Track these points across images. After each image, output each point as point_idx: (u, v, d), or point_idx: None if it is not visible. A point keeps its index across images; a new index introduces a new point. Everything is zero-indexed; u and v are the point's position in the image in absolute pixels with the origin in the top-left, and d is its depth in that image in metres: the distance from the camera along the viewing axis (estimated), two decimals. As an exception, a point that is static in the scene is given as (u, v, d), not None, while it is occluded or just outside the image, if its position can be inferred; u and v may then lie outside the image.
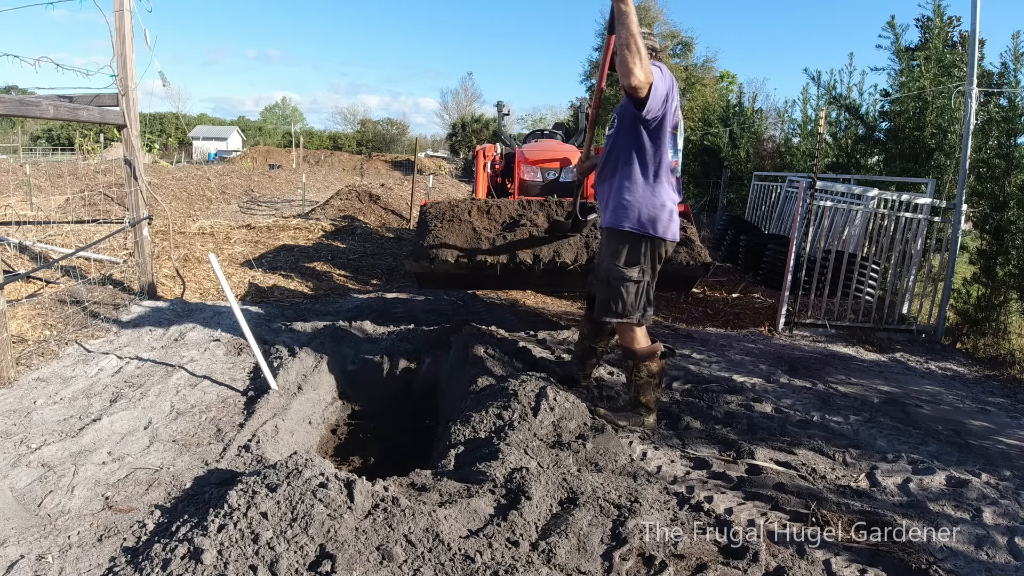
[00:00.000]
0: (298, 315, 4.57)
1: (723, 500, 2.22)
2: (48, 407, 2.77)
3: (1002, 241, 4.95)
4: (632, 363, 2.80)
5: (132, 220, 4.57)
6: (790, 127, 11.39)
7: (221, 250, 7.24)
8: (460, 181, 27.90)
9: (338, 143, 55.64)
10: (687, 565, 1.85)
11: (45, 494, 2.11)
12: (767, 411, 3.10)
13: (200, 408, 2.87)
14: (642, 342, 2.81)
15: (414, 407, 3.61)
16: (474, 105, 51.42)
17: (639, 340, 2.80)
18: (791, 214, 5.22)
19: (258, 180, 21.54)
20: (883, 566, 1.89)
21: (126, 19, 4.18)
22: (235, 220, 11.53)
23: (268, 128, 68.21)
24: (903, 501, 2.29)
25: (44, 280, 4.92)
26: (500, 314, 4.94)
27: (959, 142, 5.61)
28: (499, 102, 7.11)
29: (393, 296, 5.48)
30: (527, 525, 1.93)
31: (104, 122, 4.36)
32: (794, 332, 4.91)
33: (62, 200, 11.82)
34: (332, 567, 1.66)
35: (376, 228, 10.58)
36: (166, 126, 52.45)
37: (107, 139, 33.01)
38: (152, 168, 19.48)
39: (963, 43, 7.24)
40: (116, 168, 14.92)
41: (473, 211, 4.11)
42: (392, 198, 13.68)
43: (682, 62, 27.93)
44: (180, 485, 2.22)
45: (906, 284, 5.35)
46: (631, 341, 2.80)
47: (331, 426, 3.29)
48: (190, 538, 1.75)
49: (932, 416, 3.28)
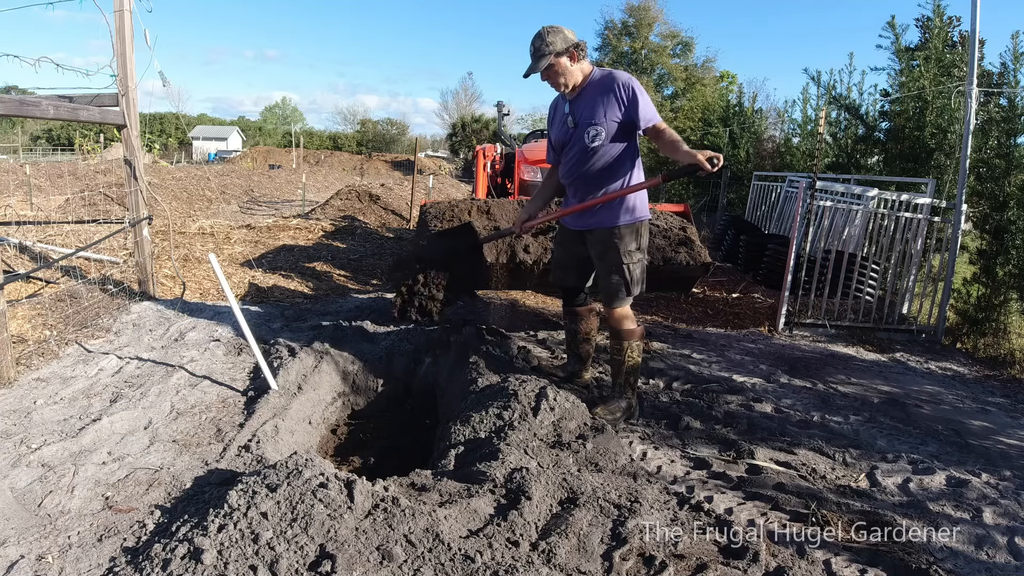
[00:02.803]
0: (298, 315, 4.57)
1: (723, 500, 2.22)
2: (48, 407, 2.77)
3: (1002, 241, 4.95)
4: (625, 344, 2.91)
5: (132, 220, 4.57)
6: (790, 127, 11.40)
7: (221, 250, 7.24)
8: (460, 181, 27.90)
9: (338, 143, 55.65)
10: (687, 565, 1.85)
11: (45, 494, 2.11)
12: (767, 411, 3.10)
13: (200, 408, 2.87)
14: (634, 320, 2.99)
15: (414, 407, 3.61)
16: (474, 105, 51.41)
17: (633, 318, 2.97)
18: (791, 214, 5.23)
19: (258, 180, 21.53)
20: (883, 566, 1.89)
21: (126, 19, 4.17)
22: (235, 220, 11.53)
23: (268, 128, 68.22)
24: (903, 501, 2.29)
25: (44, 280, 4.91)
26: (500, 314, 4.94)
27: (959, 142, 5.61)
28: (499, 102, 7.12)
29: (393, 296, 5.47)
30: (527, 525, 1.93)
31: (104, 122, 4.36)
32: (794, 332, 4.91)
33: (62, 200, 11.81)
34: (332, 567, 1.66)
35: (376, 228, 10.58)
36: (166, 126, 52.45)
37: (107, 139, 32.99)
38: (152, 168, 19.47)
39: (963, 43, 7.25)
40: (116, 168, 14.92)
41: (473, 211, 4.11)
42: (392, 198, 13.68)
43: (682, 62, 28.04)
44: (180, 485, 2.22)
45: (906, 284, 5.35)
46: (628, 319, 2.94)
47: (331, 426, 3.29)
48: (190, 538, 1.75)
49: (932, 416, 3.28)
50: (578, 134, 2.79)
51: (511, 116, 35.31)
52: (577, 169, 2.84)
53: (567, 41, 2.67)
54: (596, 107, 2.73)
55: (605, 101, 2.71)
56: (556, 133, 2.95)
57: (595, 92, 2.74)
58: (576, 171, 2.85)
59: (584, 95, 2.77)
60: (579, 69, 2.74)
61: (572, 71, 2.72)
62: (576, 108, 2.80)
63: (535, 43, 2.68)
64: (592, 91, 2.75)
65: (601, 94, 2.72)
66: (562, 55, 2.67)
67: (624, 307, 2.92)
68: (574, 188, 2.93)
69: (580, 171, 2.84)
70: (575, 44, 2.69)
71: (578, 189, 2.90)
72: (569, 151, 2.87)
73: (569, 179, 2.92)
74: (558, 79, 2.74)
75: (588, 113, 2.75)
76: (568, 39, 2.68)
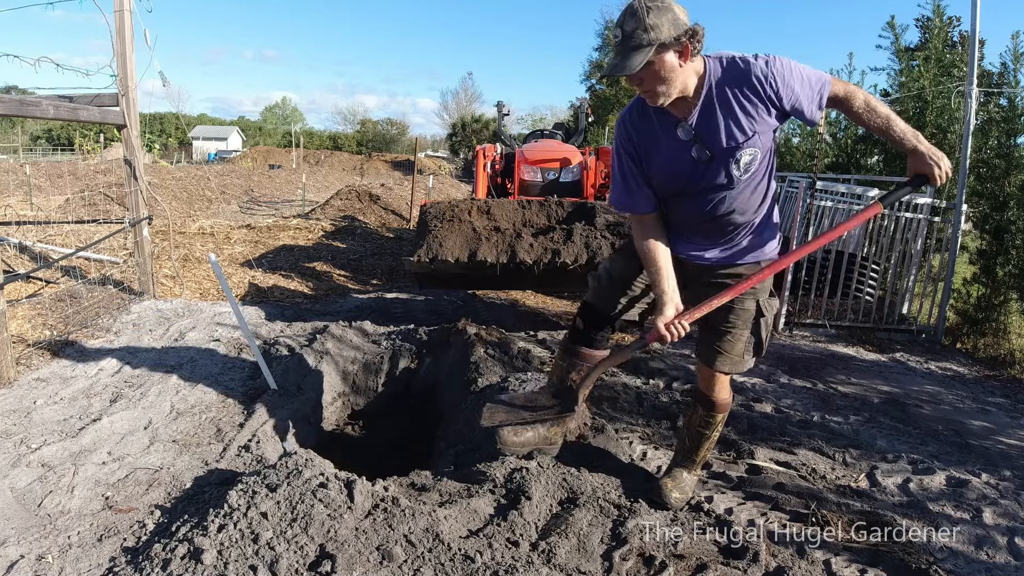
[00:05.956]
0: (298, 315, 4.57)
1: (723, 500, 2.22)
2: (48, 407, 2.76)
3: (1002, 241, 4.95)
4: (719, 417, 2.17)
5: (132, 220, 4.57)
6: (790, 127, 11.40)
7: (221, 250, 7.24)
8: (460, 181, 27.89)
9: (338, 143, 55.63)
10: (687, 565, 1.85)
11: (45, 494, 2.11)
12: (767, 411, 3.10)
13: (200, 408, 2.87)
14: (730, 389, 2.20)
15: (414, 407, 3.61)
16: (474, 105, 51.39)
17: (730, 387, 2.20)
18: (791, 214, 5.22)
19: (258, 180, 21.54)
20: (883, 566, 1.89)
21: (126, 19, 4.18)
22: (235, 220, 11.53)
23: (268, 128, 68.21)
24: (903, 501, 2.29)
25: (44, 280, 4.91)
26: (500, 314, 4.94)
27: (959, 142, 5.60)
28: (499, 102, 7.12)
29: (393, 296, 5.48)
30: (527, 525, 1.93)
31: (104, 122, 4.36)
32: (794, 332, 4.91)
33: (62, 200, 11.81)
34: (332, 567, 1.66)
35: (376, 228, 10.58)
36: (166, 126, 52.43)
37: (107, 139, 32.98)
38: (152, 168, 19.46)
39: (963, 43, 7.25)
40: (116, 168, 14.91)
41: (473, 211, 4.11)
42: (392, 198, 13.68)
43: (682, 62, 27.94)
44: (180, 485, 2.22)
45: (906, 284, 5.35)
46: (728, 389, 2.16)
47: (331, 426, 3.29)
48: (190, 538, 1.75)
49: (932, 416, 3.28)
50: (716, 168, 1.84)
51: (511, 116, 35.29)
52: (719, 208, 1.91)
53: (678, 26, 1.69)
54: (738, 119, 1.80)
55: (748, 106, 1.79)
56: (665, 169, 1.91)
57: (727, 97, 1.80)
58: (717, 211, 1.92)
59: (708, 106, 1.81)
60: (692, 70, 1.78)
61: (682, 74, 1.75)
62: (704, 128, 1.82)
63: (626, 25, 1.69)
64: (722, 96, 1.80)
65: (737, 97, 1.79)
66: (669, 48, 1.70)
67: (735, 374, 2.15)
68: (710, 227, 1.97)
69: (724, 209, 1.91)
70: (690, 31, 1.71)
71: (717, 229, 1.97)
72: (700, 190, 1.90)
73: (702, 220, 1.96)
74: (657, 87, 1.75)
75: (729, 131, 1.81)
76: (679, 22, 1.70)
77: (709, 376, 2.09)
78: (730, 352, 2.03)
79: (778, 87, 1.76)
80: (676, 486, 2.17)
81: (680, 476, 2.22)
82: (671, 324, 1.88)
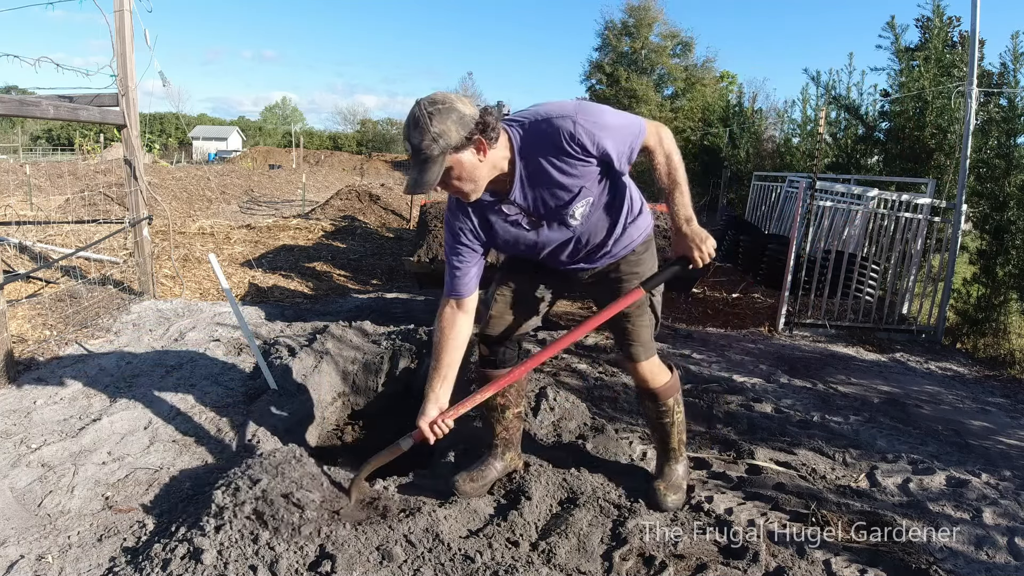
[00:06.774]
0: (298, 315, 4.57)
1: (723, 500, 2.22)
2: (48, 407, 2.76)
3: (1002, 241, 4.96)
4: (670, 401, 2.15)
5: (132, 220, 4.57)
6: (790, 127, 11.42)
7: (221, 250, 7.24)
8: (460, 181, 27.85)
9: (338, 143, 55.69)
10: (687, 565, 1.85)
11: (45, 494, 2.11)
12: (767, 411, 3.10)
13: (200, 408, 2.87)
14: (665, 368, 2.18)
15: (414, 407, 3.61)
16: (474, 105, 51.26)
17: (663, 366, 2.18)
18: (791, 214, 5.23)
19: (258, 180, 21.55)
20: (883, 566, 1.89)
21: (126, 19, 4.18)
22: (235, 220, 11.54)
23: (268, 128, 68.27)
24: (903, 501, 2.29)
25: (44, 280, 4.92)
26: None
27: (959, 142, 5.61)
28: (499, 102, 7.11)
29: (393, 296, 5.48)
30: (527, 525, 1.93)
31: (104, 122, 4.36)
32: (794, 332, 4.91)
33: (62, 200, 11.81)
34: (332, 567, 1.66)
35: (376, 228, 10.59)
36: (166, 126, 52.47)
37: (107, 139, 33.01)
38: (152, 168, 19.46)
39: (963, 43, 7.25)
40: (116, 168, 14.92)
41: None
42: (392, 198, 13.68)
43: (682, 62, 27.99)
44: (180, 485, 2.22)
45: (906, 284, 5.35)
46: (660, 370, 2.15)
47: (331, 426, 3.29)
48: (190, 538, 1.75)
49: (932, 416, 3.28)
50: (553, 227, 1.86)
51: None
52: (571, 246, 1.95)
53: (465, 124, 1.60)
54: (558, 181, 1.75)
55: (563, 166, 1.73)
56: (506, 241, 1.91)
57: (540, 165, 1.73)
58: (569, 249, 1.96)
59: (524, 179, 1.76)
60: (498, 154, 1.70)
61: (485, 165, 1.68)
62: (527, 200, 1.80)
63: (412, 138, 1.61)
64: (534, 165, 1.74)
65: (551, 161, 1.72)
66: (462, 149, 1.63)
67: (654, 355, 2.12)
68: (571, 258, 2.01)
69: (576, 246, 1.95)
70: (480, 125, 1.62)
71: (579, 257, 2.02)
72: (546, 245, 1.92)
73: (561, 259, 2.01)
74: (463, 187, 1.70)
75: (554, 195, 1.78)
76: (465, 119, 1.61)
77: (637, 370, 2.11)
78: (641, 339, 2.06)
79: (586, 145, 1.69)
80: (669, 486, 2.18)
81: (669, 472, 2.23)
82: (434, 423, 1.92)
